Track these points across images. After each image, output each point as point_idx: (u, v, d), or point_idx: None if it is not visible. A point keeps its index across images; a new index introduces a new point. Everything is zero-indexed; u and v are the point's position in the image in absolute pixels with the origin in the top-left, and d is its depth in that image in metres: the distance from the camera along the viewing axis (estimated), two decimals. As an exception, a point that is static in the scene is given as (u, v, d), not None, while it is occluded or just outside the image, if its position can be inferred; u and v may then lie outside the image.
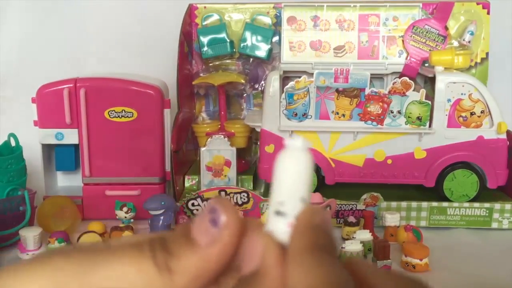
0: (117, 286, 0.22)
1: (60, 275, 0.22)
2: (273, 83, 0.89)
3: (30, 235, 0.78)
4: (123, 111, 0.90)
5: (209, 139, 0.95)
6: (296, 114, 0.89)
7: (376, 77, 0.98)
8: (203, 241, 0.22)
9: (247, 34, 1.01)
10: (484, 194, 0.90)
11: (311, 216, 0.23)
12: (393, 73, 0.97)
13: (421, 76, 0.96)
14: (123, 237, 0.25)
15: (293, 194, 0.22)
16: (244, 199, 0.89)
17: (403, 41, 0.96)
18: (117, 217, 0.86)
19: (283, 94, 0.88)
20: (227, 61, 1.04)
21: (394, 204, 0.88)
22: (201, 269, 0.22)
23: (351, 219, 0.84)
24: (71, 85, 0.90)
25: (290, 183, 0.22)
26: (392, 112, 0.88)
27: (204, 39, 1.01)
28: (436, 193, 0.90)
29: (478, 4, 0.98)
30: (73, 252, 0.22)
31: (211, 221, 0.23)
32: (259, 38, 1.00)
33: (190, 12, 1.02)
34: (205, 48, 1.01)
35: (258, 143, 0.96)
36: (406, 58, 0.96)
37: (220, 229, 0.22)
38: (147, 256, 0.22)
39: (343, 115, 0.89)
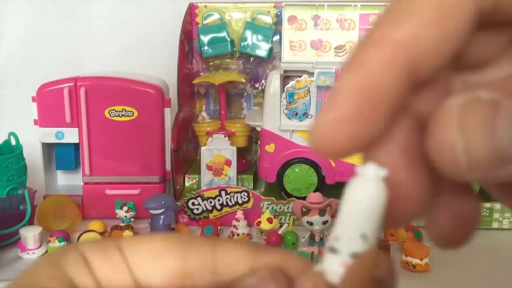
0: None
1: None
2: (273, 82, 0.89)
3: (30, 234, 0.78)
4: (124, 110, 0.90)
5: (209, 138, 0.95)
6: (296, 114, 0.89)
7: (377, 77, 0.98)
8: None
9: (248, 33, 1.00)
10: (484, 194, 0.89)
11: (371, 264, 0.19)
12: (393, 72, 0.96)
13: (422, 76, 0.96)
14: None
15: (352, 228, 0.19)
16: (245, 198, 0.89)
17: (403, 40, 0.96)
18: (117, 216, 0.86)
19: (284, 94, 0.88)
20: (228, 60, 1.04)
21: (394, 203, 0.87)
22: None
23: (352, 218, 0.84)
24: (71, 84, 0.89)
25: (350, 217, 0.19)
26: (392, 111, 0.87)
27: (205, 38, 1.01)
28: (436, 192, 0.90)
29: (479, 3, 0.98)
30: None
31: None
32: (260, 37, 1.00)
33: (191, 11, 1.01)
34: (206, 47, 1.01)
35: (259, 142, 0.96)
36: (407, 58, 0.96)
37: None
38: None
39: (344, 115, 0.89)
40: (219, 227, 0.85)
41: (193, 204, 0.89)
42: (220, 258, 0.21)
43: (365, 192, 0.19)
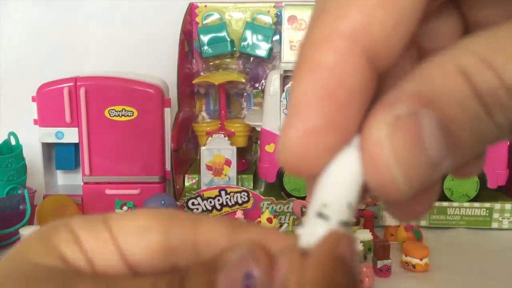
0: None
1: None
2: (273, 82, 0.89)
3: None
4: (124, 110, 0.90)
5: (209, 138, 0.95)
6: (296, 114, 0.89)
7: (377, 77, 0.98)
8: None
9: (248, 33, 1.00)
10: (484, 194, 0.90)
11: (334, 244, 0.18)
12: (393, 72, 0.96)
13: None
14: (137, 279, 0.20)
15: (340, 197, 0.19)
16: (244, 198, 0.89)
17: (403, 40, 0.96)
18: (117, 216, 0.86)
19: (284, 94, 0.88)
20: (228, 60, 1.04)
21: (394, 203, 0.87)
22: None
23: (351, 218, 0.84)
24: (71, 84, 0.89)
25: (337, 184, 0.19)
26: (392, 111, 0.87)
27: (205, 38, 1.01)
28: (436, 192, 0.90)
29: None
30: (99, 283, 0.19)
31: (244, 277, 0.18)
32: (260, 37, 1.00)
33: (191, 11, 1.01)
34: (206, 47, 1.01)
35: (259, 142, 0.96)
36: (407, 58, 0.96)
37: None
38: None
39: (344, 115, 0.89)
40: (219, 227, 0.85)
41: (193, 204, 0.89)
42: (201, 235, 0.20)
43: (354, 161, 0.18)
